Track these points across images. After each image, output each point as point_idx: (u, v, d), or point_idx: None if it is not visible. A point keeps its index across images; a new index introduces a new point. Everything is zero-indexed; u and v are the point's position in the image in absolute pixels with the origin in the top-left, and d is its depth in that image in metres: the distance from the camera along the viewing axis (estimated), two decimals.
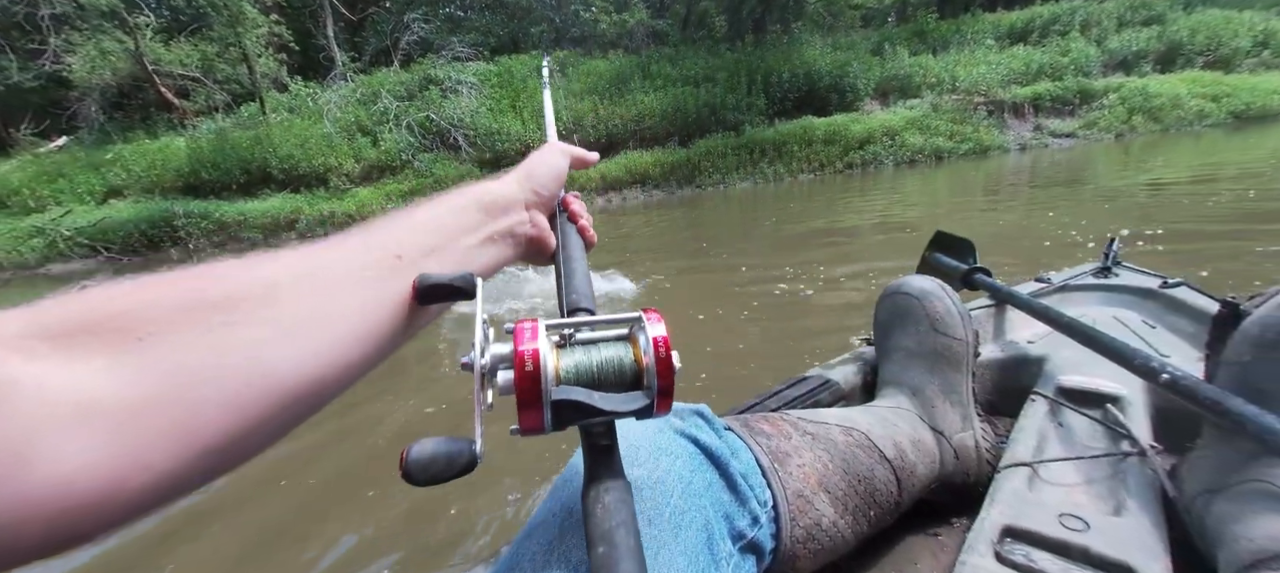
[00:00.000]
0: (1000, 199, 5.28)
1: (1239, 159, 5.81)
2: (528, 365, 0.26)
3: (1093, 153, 8.16)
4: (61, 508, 0.18)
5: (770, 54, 11.61)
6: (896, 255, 3.36)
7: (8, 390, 0.18)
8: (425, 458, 0.25)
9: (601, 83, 11.16)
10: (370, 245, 0.31)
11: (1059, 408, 0.71)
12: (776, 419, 0.59)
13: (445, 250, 0.35)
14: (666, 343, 0.29)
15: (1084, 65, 11.02)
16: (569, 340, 0.30)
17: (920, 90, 11.09)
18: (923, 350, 0.74)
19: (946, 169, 8.33)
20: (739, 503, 0.46)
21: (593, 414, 0.27)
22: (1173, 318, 0.91)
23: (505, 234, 0.40)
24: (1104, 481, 0.58)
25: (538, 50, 12.93)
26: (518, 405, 0.27)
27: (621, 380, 0.29)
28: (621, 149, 10.28)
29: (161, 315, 0.22)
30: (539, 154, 0.46)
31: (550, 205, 0.45)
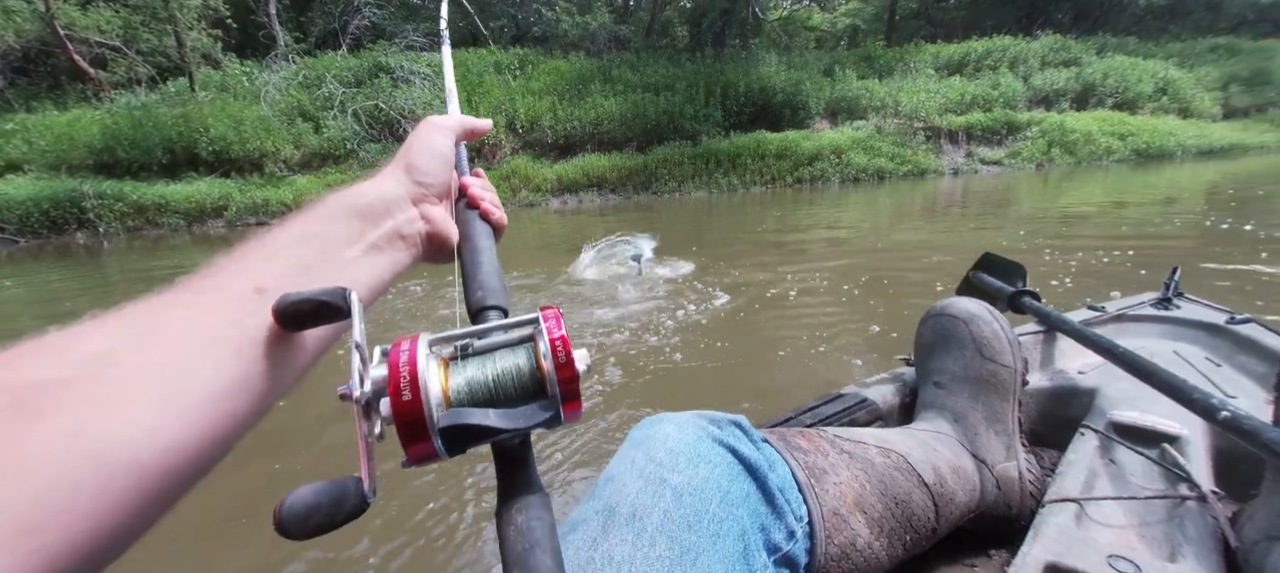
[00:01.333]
0: (937, 218, 5.64)
1: (1140, 193, 6.45)
2: (405, 393, 0.24)
3: (1017, 180, 8.84)
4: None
5: (729, 68, 11.90)
6: (840, 257, 3.52)
7: None
8: (303, 508, 0.22)
9: (561, 83, 11.09)
10: (221, 284, 0.27)
11: (1111, 444, 0.66)
12: (813, 435, 0.58)
13: (319, 269, 0.31)
14: (566, 345, 0.26)
15: (1011, 99, 11.94)
16: (463, 353, 0.28)
17: (866, 112, 11.67)
18: (968, 375, 0.71)
19: (888, 188, 8.79)
20: (776, 516, 0.45)
21: (489, 435, 0.25)
22: (1240, 356, 0.85)
23: (392, 238, 0.36)
24: (1159, 524, 0.54)
25: (498, 46, 12.69)
26: (400, 437, 0.24)
27: (522, 391, 0.27)
28: (579, 152, 10.24)
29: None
30: (415, 137, 0.40)
31: (443, 193, 0.40)
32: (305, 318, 0.25)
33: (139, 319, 0.24)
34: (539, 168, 9.67)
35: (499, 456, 0.28)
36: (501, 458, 0.28)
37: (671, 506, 0.39)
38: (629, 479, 0.41)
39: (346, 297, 0.25)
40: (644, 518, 0.38)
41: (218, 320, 0.25)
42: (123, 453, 0.20)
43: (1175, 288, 1.06)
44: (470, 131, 0.45)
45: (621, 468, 0.43)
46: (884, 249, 4.16)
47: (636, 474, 0.42)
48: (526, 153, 10.18)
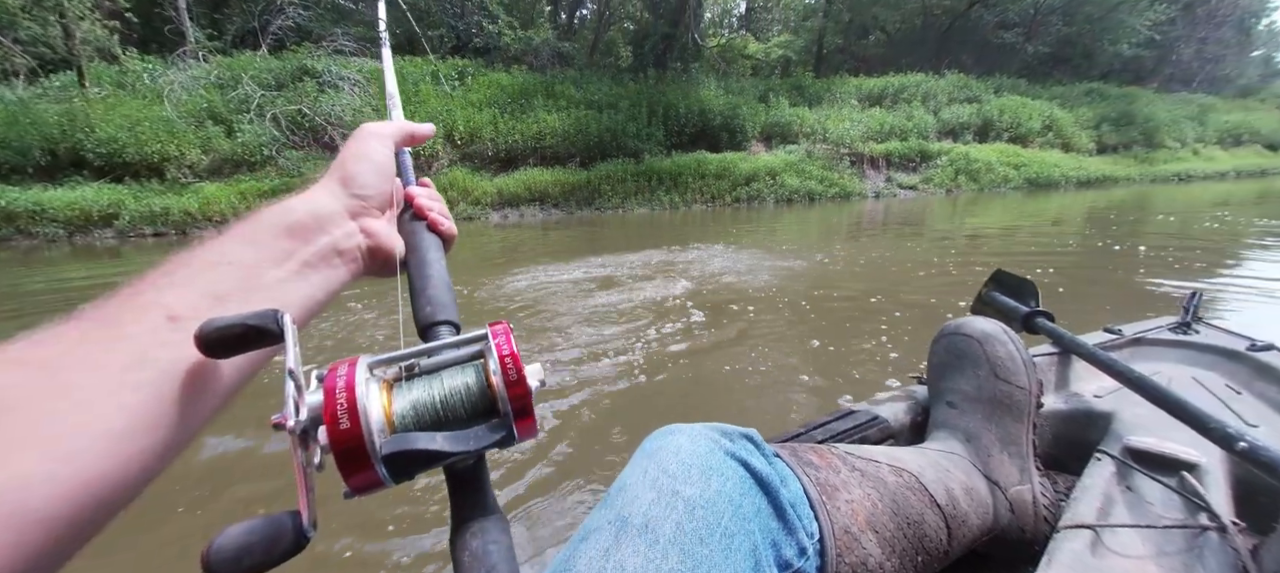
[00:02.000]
0: (860, 235, 6.03)
1: (1032, 216, 7.23)
2: (343, 421, 0.22)
3: (929, 203, 9.63)
4: None
5: (670, 89, 12.24)
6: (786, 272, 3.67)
7: None
8: (233, 550, 0.20)
9: (503, 96, 10.95)
10: (130, 312, 0.25)
11: (1127, 470, 0.65)
12: (825, 452, 0.57)
13: (243, 295, 0.29)
14: (517, 361, 0.25)
15: (924, 130, 13.06)
16: (409, 374, 0.26)
17: (798, 138, 12.35)
18: (982, 396, 0.70)
19: (817, 209, 9.31)
20: (787, 532, 0.45)
21: (437, 460, 0.24)
22: (1260, 384, 0.83)
23: (326, 255, 0.34)
24: (1177, 554, 0.53)
25: (436, 56, 12.36)
26: (339, 467, 0.23)
27: (473, 411, 0.26)
28: (521, 165, 10.11)
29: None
30: (350, 146, 0.39)
31: (383, 204, 0.38)
32: (233, 344, 0.23)
33: (33, 357, 0.22)
34: (478, 181, 9.44)
35: (452, 478, 0.27)
36: (454, 481, 0.27)
37: (684, 518, 0.39)
38: (641, 490, 0.41)
39: (279, 319, 0.24)
40: (656, 529, 0.38)
41: (123, 355, 0.24)
42: (16, 500, 0.19)
43: (1194, 313, 1.04)
44: (411, 137, 0.43)
45: (634, 478, 0.42)
46: (822, 263, 4.38)
47: (649, 485, 0.41)
48: (465, 165, 9.92)
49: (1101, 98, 17.07)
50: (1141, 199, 9.30)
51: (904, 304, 2.96)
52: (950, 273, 3.69)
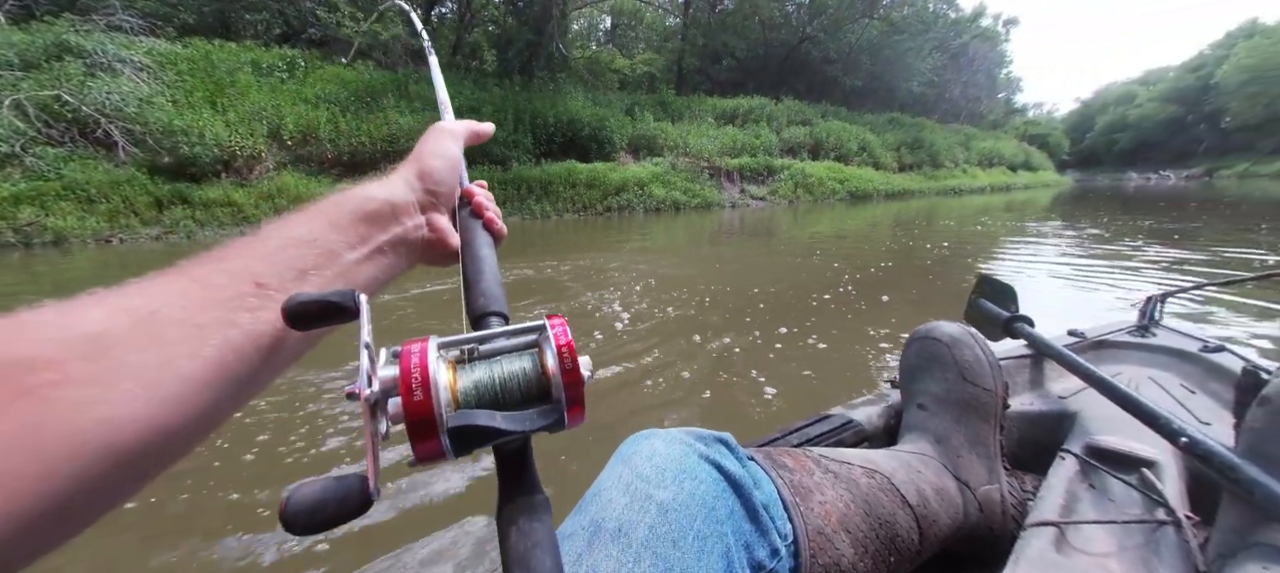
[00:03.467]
0: (721, 241, 6.49)
1: (855, 222, 8.45)
2: (416, 393, 0.24)
3: (776, 213, 10.78)
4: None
5: (538, 97, 12.04)
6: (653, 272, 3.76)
7: None
8: (309, 503, 0.22)
9: (345, 93, 9.78)
10: (222, 275, 0.28)
11: (1090, 468, 0.67)
12: (799, 455, 0.57)
13: (321, 271, 0.31)
14: (573, 351, 0.27)
15: (769, 148, 14.61)
16: (470, 356, 0.28)
17: (663, 150, 12.98)
18: (950, 398, 0.71)
19: (683, 218, 9.85)
20: (760, 534, 0.45)
21: (496, 436, 0.25)
22: (1212, 383, 0.86)
23: (397, 243, 0.36)
24: (1136, 548, 0.55)
25: (254, 41, 10.65)
26: (409, 436, 0.24)
27: (527, 395, 0.27)
28: (370, 171, 8.99)
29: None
30: (428, 142, 0.41)
31: (449, 202, 0.41)
32: (313, 318, 0.26)
33: (134, 303, 0.25)
34: (316, 186, 8.28)
35: (501, 458, 0.28)
36: (503, 460, 0.28)
37: (656, 521, 0.39)
38: (615, 494, 0.41)
39: (356, 299, 0.26)
40: (629, 533, 0.38)
41: (211, 312, 0.26)
42: (100, 434, 0.21)
43: (1152, 316, 1.08)
44: (476, 135, 0.45)
45: (608, 483, 0.43)
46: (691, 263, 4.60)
47: (623, 490, 0.42)
48: (298, 168, 8.65)
49: (900, 126, 20.77)
50: (931, 208, 11.44)
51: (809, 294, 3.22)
52: (796, 262, 4.13)
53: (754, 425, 1.71)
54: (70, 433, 0.20)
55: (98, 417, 0.21)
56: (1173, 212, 9.15)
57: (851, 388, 2.02)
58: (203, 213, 7.28)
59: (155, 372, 0.23)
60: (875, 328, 2.70)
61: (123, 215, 6.80)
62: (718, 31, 19.78)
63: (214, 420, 0.26)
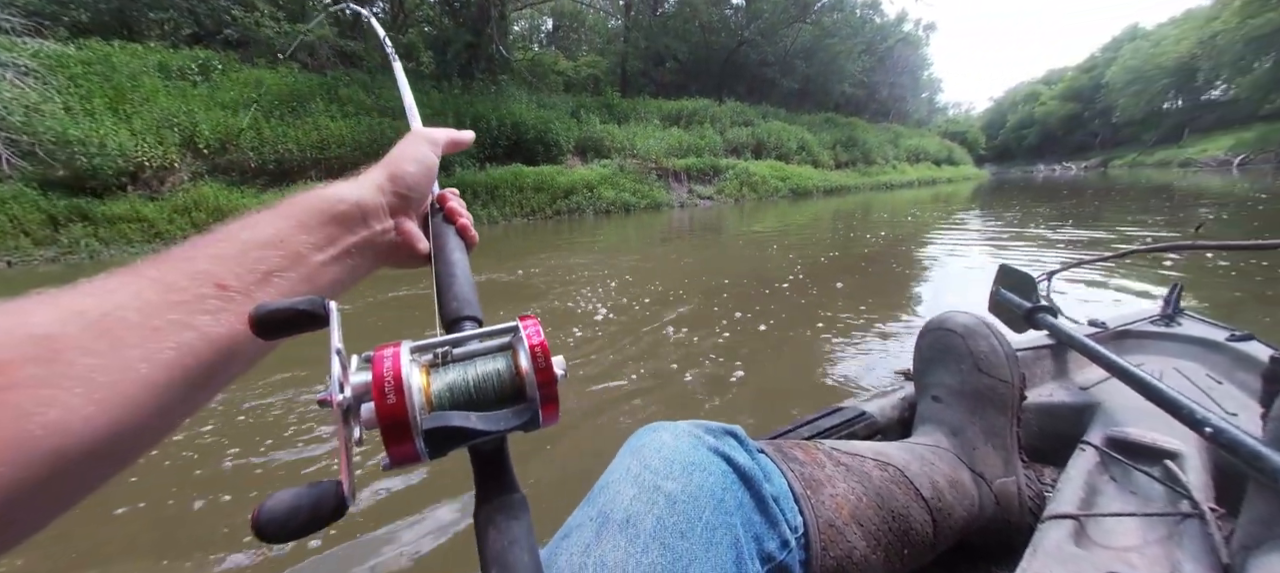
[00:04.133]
0: (680, 239, 6.58)
1: (797, 217, 8.80)
2: (390, 397, 0.24)
3: (724, 211, 11.05)
4: None
5: (479, 100, 11.76)
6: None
7: None
8: (283, 512, 0.22)
9: (268, 97, 9.18)
10: (182, 276, 0.27)
11: (1111, 460, 0.66)
12: (810, 447, 0.56)
13: (286, 274, 0.30)
14: (545, 350, 0.27)
15: (714, 148, 14.96)
16: (444, 359, 0.28)
17: (610, 153, 13.01)
18: (965, 390, 0.69)
19: (634, 219, 9.91)
20: (769, 525, 0.44)
21: (471, 436, 0.25)
22: (1240, 373, 0.84)
23: (364, 246, 0.35)
24: (1159, 541, 0.53)
25: (161, 42, 9.83)
26: (383, 439, 0.24)
27: (502, 395, 0.27)
28: (300, 178, 8.60)
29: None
30: (403, 147, 0.40)
31: (420, 207, 0.41)
32: (282, 327, 0.25)
33: (87, 303, 0.24)
34: (239, 197, 7.73)
35: (477, 458, 0.28)
36: (479, 460, 0.28)
37: (665, 512, 0.39)
38: (623, 486, 0.41)
39: (325, 306, 0.25)
40: (637, 524, 0.38)
41: (167, 314, 0.25)
42: (49, 440, 0.21)
43: (1176, 305, 1.06)
44: (454, 143, 0.45)
45: (616, 475, 0.43)
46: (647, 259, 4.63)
47: (631, 481, 0.41)
48: (217, 179, 8.04)
49: (835, 125, 21.79)
50: (866, 203, 12.07)
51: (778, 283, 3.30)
52: (747, 252, 4.26)
53: (762, 418, 1.74)
54: (17, 438, 0.20)
55: (46, 421, 0.21)
56: (1075, 198, 10.11)
57: (822, 369, 2.12)
58: (107, 230, 6.62)
59: (108, 375, 0.23)
60: (832, 311, 2.83)
61: (10, 236, 6.07)
62: (659, 34, 20.04)
63: (168, 425, 0.26)
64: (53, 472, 0.21)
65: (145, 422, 0.24)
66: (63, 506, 0.23)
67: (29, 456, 0.20)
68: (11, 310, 0.22)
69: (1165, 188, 11.75)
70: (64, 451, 0.21)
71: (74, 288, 0.25)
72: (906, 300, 3.19)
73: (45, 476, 0.21)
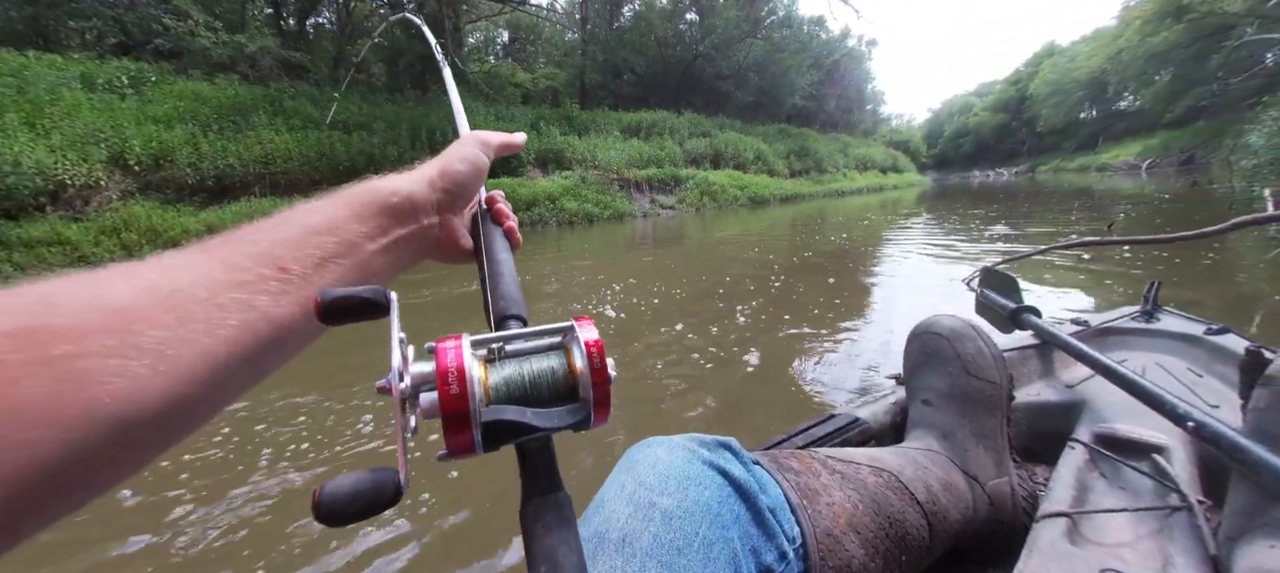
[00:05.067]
0: (638, 248, 6.63)
1: (756, 224, 9.04)
2: (453, 387, 0.24)
3: (685, 220, 11.22)
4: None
5: (434, 112, 11.51)
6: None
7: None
8: (343, 496, 0.22)
9: (205, 110, 8.69)
10: (246, 258, 0.28)
11: (1100, 457, 0.67)
12: (805, 456, 0.56)
13: (340, 261, 0.31)
14: (601, 350, 0.27)
15: (674, 159, 15.18)
16: (498, 355, 0.28)
17: (571, 164, 12.99)
18: (954, 392, 0.70)
19: (597, 229, 9.91)
20: (767, 538, 0.44)
21: (526, 432, 0.26)
22: (1218, 366, 0.86)
23: (412, 238, 0.37)
24: (1150, 536, 0.54)
25: (84, 53, 9.16)
26: (444, 429, 0.25)
27: (555, 393, 0.28)
28: (243, 195, 8.16)
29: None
30: (456, 148, 0.41)
31: (465, 205, 0.42)
32: (346, 313, 0.26)
33: (158, 279, 0.25)
34: (175, 217, 7.24)
35: (524, 455, 0.28)
36: (527, 457, 0.28)
37: (661, 529, 0.39)
38: (619, 504, 0.41)
39: (387, 296, 0.26)
40: (634, 543, 0.38)
41: (232, 293, 0.26)
42: (117, 408, 0.22)
43: (1154, 301, 1.07)
44: (507, 146, 0.46)
45: (611, 493, 0.42)
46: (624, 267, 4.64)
47: (626, 499, 0.41)
48: (151, 197, 7.51)
49: (788, 136, 22.57)
50: (821, 209, 12.55)
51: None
52: (711, 261, 4.35)
53: (757, 428, 1.75)
54: (88, 404, 0.20)
55: (115, 390, 0.21)
56: (1008, 201, 10.85)
57: (813, 354, 2.18)
58: (24, 254, 6.06)
59: (175, 348, 0.23)
60: (815, 307, 2.93)
61: None
62: (616, 47, 20.27)
63: (225, 399, 0.27)
64: (119, 438, 0.21)
65: (203, 395, 0.25)
66: (126, 472, 0.23)
67: (99, 422, 0.21)
68: (89, 282, 0.23)
69: (1086, 191, 12.78)
70: (130, 419, 0.22)
71: (146, 263, 0.25)
72: (875, 296, 3.34)
73: (113, 441, 0.21)
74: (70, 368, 0.20)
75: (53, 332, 0.21)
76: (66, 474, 0.20)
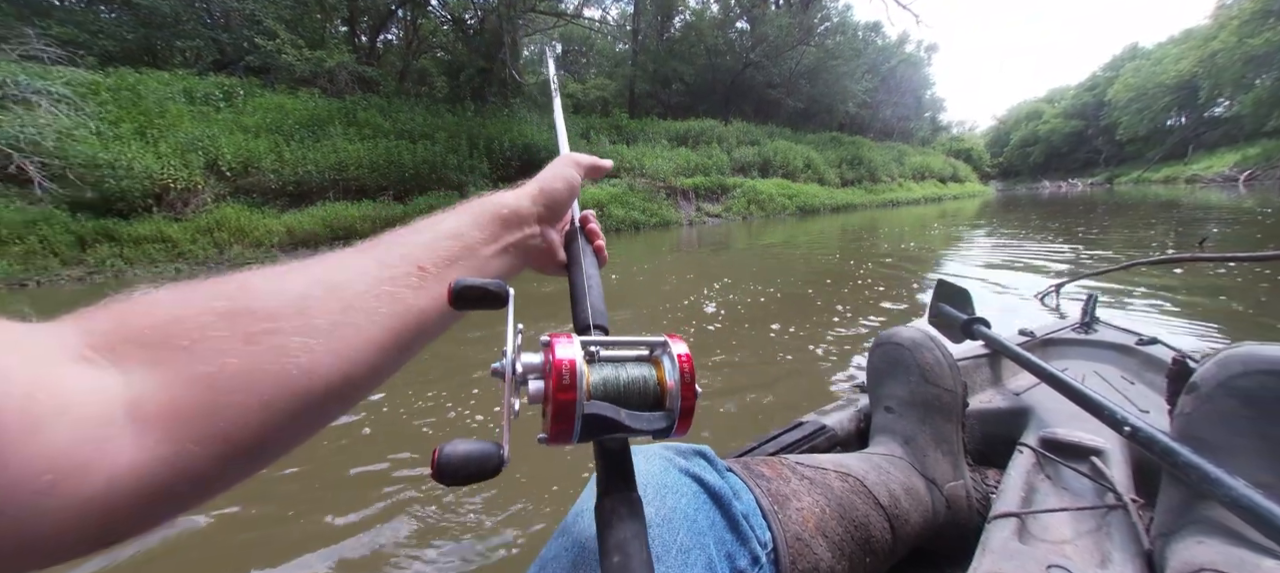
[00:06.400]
0: (682, 255, 6.67)
1: (804, 234, 8.88)
2: (565, 378, 0.27)
3: (732, 228, 11.16)
4: (111, 508, 0.20)
5: (491, 122, 12.03)
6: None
7: (70, 399, 0.19)
8: (457, 459, 0.25)
9: (288, 122, 9.46)
10: (395, 257, 0.33)
11: (1045, 460, 0.71)
12: (775, 463, 0.58)
13: (464, 261, 0.36)
14: (691, 367, 0.30)
15: (721, 167, 15.15)
16: (596, 357, 0.31)
17: (619, 172, 13.21)
18: (914, 400, 0.73)
19: (643, 237, 10.03)
20: (740, 542, 0.46)
21: (618, 430, 0.28)
22: (1148, 374, 0.92)
23: (517, 246, 0.41)
24: (1089, 533, 0.58)
25: (186, 69, 10.17)
26: (551, 416, 0.27)
27: (644, 400, 0.30)
28: (319, 199, 8.81)
29: (203, 326, 0.24)
30: (552, 168, 0.46)
31: (560, 220, 0.46)
32: (472, 301, 0.29)
33: (329, 275, 0.29)
34: (260, 218, 7.92)
35: (604, 453, 0.31)
36: (606, 455, 0.31)
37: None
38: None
39: (506, 290, 0.29)
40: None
41: (385, 287, 0.31)
42: (301, 380, 0.25)
43: (1092, 314, 1.14)
44: (596, 169, 0.51)
45: (589, 504, 0.43)
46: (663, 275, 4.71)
47: None
48: (239, 200, 8.25)
49: (840, 143, 22.01)
50: (873, 220, 12.15)
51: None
52: (754, 268, 4.34)
53: (732, 436, 1.79)
54: (279, 374, 0.24)
55: (300, 365, 0.25)
56: (1090, 214, 10.14)
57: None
58: (132, 250, 6.80)
59: (343, 331, 0.27)
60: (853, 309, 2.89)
61: (39, 256, 6.26)
62: (666, 57, 20.46)
63: (379, 378, 0.30)
64: (300, 406, 0.25)
65: (365, 373, 0.29)
66: (300, 438, 0.27)
67: (286, 391, 0.25)
68: (273, 276, 0.28)
69: (1172, 203, 11.76)
70: (310, 390, 0.26)
71: (314, 260, 0.30)
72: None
73: (295, 409, 0.25)
74: (267, 344, 0.24)
75: (251, 313, 0.25)
76: (261, 434, 0.24)
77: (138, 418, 0.21)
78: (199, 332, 0.23)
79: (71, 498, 0.18)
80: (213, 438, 0.22)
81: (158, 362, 0.22)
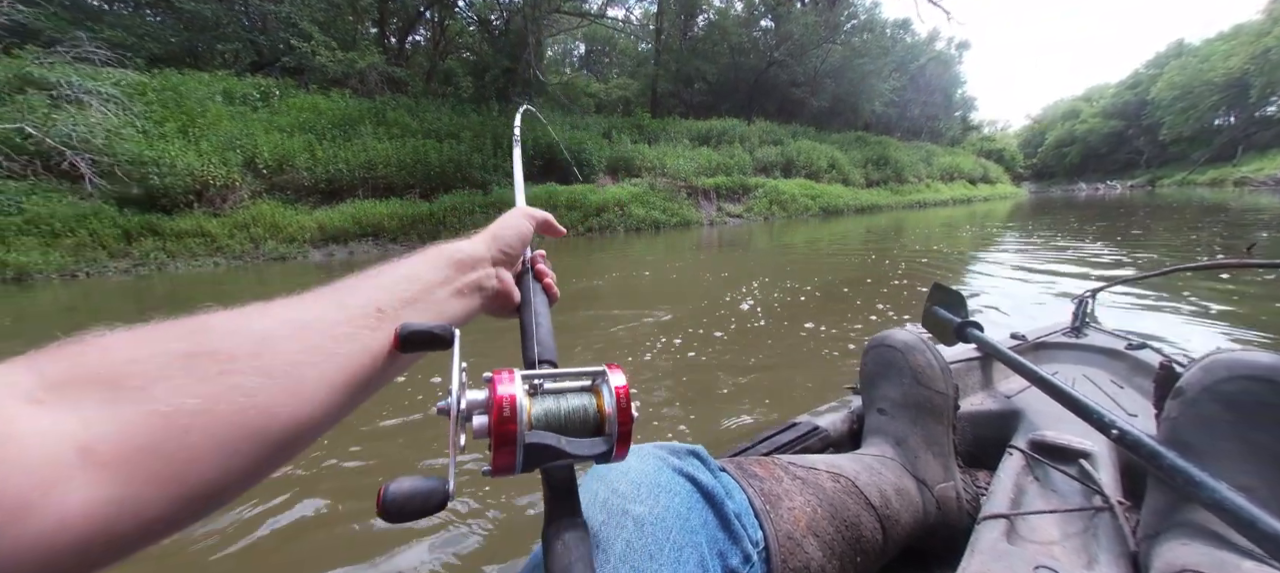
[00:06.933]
0: (704, 254, 6.65)
1: (827, 235, 8.76)
2: (505, 411, 0.28)
3: (753, 228, 11.08)
4: (62, 550, 0.19)
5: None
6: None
7: (18, 441, 0.19)
8: (402, 496, 0.25)
9: (321, 121, 9.76)
10: (353, 302, 0.33)
11: (1035, 462, 0.72)
12: (768, 463, 0.59)
13: (422, 302, 0.38)
14: (628, 395, 0.31)
15: (743, 167, 15.05)
16: (539, 390, 0.32)
17: (640, 171, 13.23)
18: (906, 402, 0.74)
19: (663, 236, 10.03)
20: (732, 541, 0.46)
21: (560, 457, 0.29)
22: (1137, 378, 0.93)
23: (473, 287, 0.43)
24: (1077, 535, 0.59)
25: (225, 70, 10.56)
26: (493, 447, 0.28)
27: (585, 427, 0.31)
28: (349, 197, 9.06)
29: (159, 366, 0.24)
30: (506, 217, 0.50)
31: (515, 263, 0.49)
32: (420, 343, 0.31)
33: (291, 313, 0.30)
34: (293, 215, 8.19)
35: (550, 482, 0.32)
36: (552, 484, 0.32)
37: (633, 535, 0.40)
38: (592, 512, 0.42)
39: (451, 332, 0.31)
40: (607, 549, 0.39)
41: (345, 329, 0.31)
42: (259, 420, 0.25)
43: (1083, 317, 1.15)
44: (547, 226, 0.54)
45: (585, 500, 0.43)
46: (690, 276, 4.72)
47: (599, 507, 0.42)
48: (274, 197, 8.54)
49: (866, 143, 21.62)
50: (899, 221, 11.91)
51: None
52: (775, 268, 4.30)
53: (725, 436, 1.79)
54: (237, 415, 0.24)
55: (258, 405, 0.25)
56: (1130, 217, 9.76)
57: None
58: (174, 244, 7.11)
59: (303, 372, 0.28)
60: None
61: (88, 249, 6.59)
62: (689, 56, 20.40)
63: (336, 418, 0.31)
64: (258, 447, 0.25)
65: (323, 414, 0.29)
66: (259, 478, 0.27)
67: (244, 431, 0.25)
68: (234, 317, 0.28)
69: (1219, 207, 11.23)
70: (268, 430, 0.26)
71: (277, 303, 0.31)
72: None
73: (253, 449, 0.25)
74: (227, 384, 0.25)
75: (212, 353, 0.25)
76: (222, 478, 0.24)
77: (91, 460, 0.20)
78: (157, 372, 0.23)
79: (18, 541, 0.18)
80: (168, 479, 0.22)
81: (113, 402, 0.22)
